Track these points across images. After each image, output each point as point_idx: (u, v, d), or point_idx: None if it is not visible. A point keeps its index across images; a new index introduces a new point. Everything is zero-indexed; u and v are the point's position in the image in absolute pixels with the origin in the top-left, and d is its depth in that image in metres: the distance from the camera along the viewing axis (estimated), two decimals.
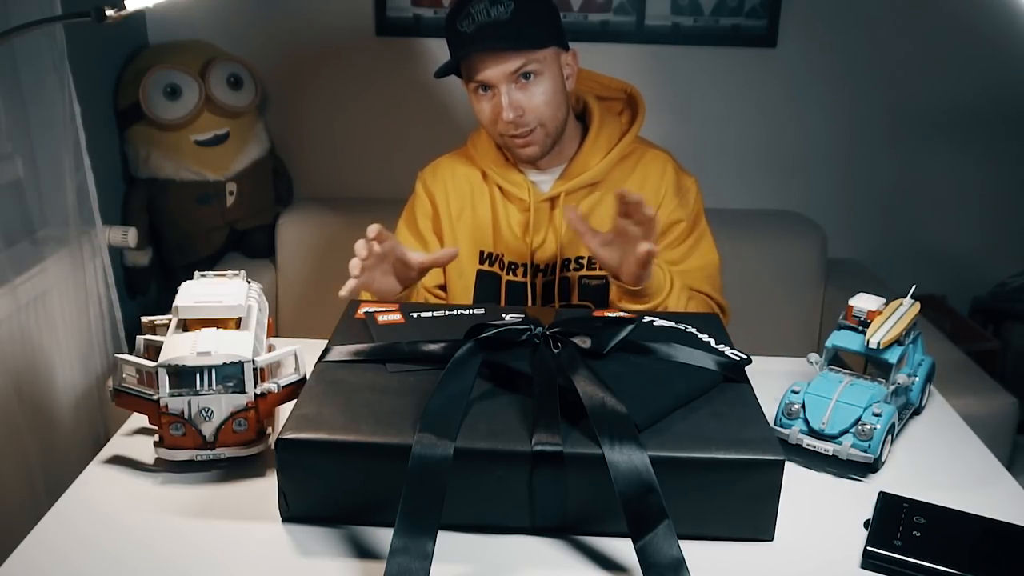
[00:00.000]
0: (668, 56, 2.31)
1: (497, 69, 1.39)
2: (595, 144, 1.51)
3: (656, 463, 0.84)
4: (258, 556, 0.86)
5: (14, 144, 1.69)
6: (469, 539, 0.89)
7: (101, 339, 1.82)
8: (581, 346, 0.99)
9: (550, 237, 1.52)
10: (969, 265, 2.51)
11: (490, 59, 1.38)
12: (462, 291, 1.56)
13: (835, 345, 1.09)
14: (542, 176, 1.54)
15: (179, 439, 0.97)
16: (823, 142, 2.41)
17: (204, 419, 0.97)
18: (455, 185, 1.57)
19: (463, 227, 1.56)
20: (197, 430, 0.97)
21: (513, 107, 1.41)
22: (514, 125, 1.42)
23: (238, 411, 0.98)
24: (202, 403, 0.97)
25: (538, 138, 1.45)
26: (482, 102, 1.44)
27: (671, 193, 1.53)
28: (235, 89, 2.18)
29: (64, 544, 0.88)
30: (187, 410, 0.97)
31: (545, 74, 1.42)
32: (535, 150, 1.46)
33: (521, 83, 1.41)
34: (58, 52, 1.64)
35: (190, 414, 0.97)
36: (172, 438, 0.98)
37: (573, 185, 1.49)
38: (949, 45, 2.31)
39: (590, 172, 1.49)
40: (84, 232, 1.76)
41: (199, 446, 0.98)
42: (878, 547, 0.87)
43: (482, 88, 1.43)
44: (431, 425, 0.86)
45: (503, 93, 1.40)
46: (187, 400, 0.96)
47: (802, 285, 2.23)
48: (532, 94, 1.42)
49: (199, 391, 0.96)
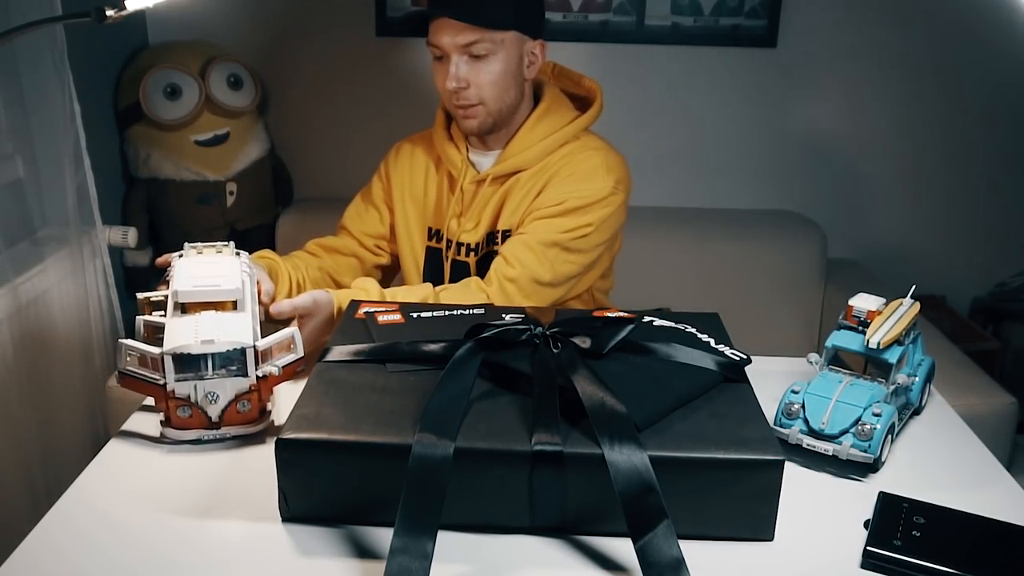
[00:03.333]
0: (668, 56, 2.31)
1: (449, 38, 1.43)
2: (532, 131, 1.53)
3: (656, 463, 0.84)
4: (258, 556, 0.86)
5: (14, 144, 1.69)
6: (469, 539, 0.89)
7: (101, 339, 1.82)
8: (581, 346, 0.99)
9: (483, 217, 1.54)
10: (969, 265, 2.51)
11: (446, 27, 1.43)
12: (413, 267, 1.61)
13: (835, 345, 1.09)
14: (485, 157, 1.57)
15: (186, 420, 1.03)
16: (823, 142, 2.41)
17: (210, 402, 1.02)
18: (411, 163, 1.63)
19: (413, 203, 1.61)
20: (203, 412, 1.02)
21: (457, 78, 1.45)
22: (458, 96, 1.47)
23: (242, 393, 1.03)
24: (208, 387, 1.02)
25: (479, 113, 1.49)
26: (437, 67, 1.49)
27: (572, 179, 1.49)
28: (235, 89, 2.18)
29: (64, 544, 0.88)
30: (193, 394, 1.02)
31: (498, 55, 1.45)
32: (474, 123, 1.50)
33: (472, 58, 1.45)
34: (58, 52, 1.64)
35: (196, 398, 1.02)
36: (179, 419, 1.03)
37: (502, 169, 1.52)
38: (950, 45, 2.31)
39: (520, 157, 1.52)
40: (84, 232, 1.76)
41: (205, 426, 1.03)
42: (878, 547, 0.87)
43: (439, 55, 1.47)
44: (431, 425, 0.86)
45: (452, 63, 1.44)
46: (193, 384, 1.01)
47: (802, 285, 2.23)
48: (479, 71, 1.45)
49: (204, 376, 1.01)
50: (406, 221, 1.61)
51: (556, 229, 1.47)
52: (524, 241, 1.46)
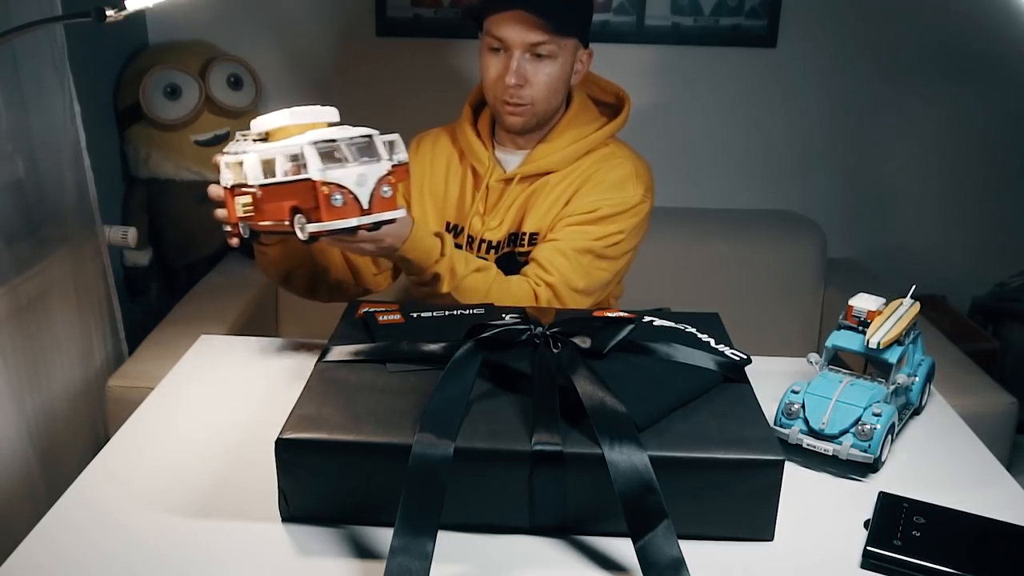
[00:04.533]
0: (668, 56, 2.31)
1: (518, 34, 1.43)
2: (562, 135, 1.53)
3: (656, 463, 0.84)
4: (258, 556, 0.86)
5: (14, 144, 1.69)
6: (469, 539, 0.89)
7: (101, 339, 1.82)
8: (581, 346, 0.99)
9: (507, 217, 1.53)
10: (969, 265, 2.51)
11: (517, 22, 1.43)
12: None
13: (835, 345, 1.09)
14: (512, 156, 1.57)
15: (340, 209, 1.02)
16: (823, 142, 2.41)
17: (359, 186, 1.02)
18: (433, 157, 1.61)
19: (432, 197, 1.59)
20: (355, 198, 1.02)
21: (518, 74, 1.45)
22: (511, 92, 1.46)
23: (382, 177, 1.04)
24: (357, 171, 1.02)
25: (527, 112, 1.49)
26: (491, 58, 1.48)
27: (604, 187, 1.51)
28: (235, 89, 2.18)
29: (64, 544, 0.88)
30: (343, 178, 1.02)
31: (558, 59, 1.46)
32: (519, 121, 1.50)
33: (534, 57, 1.45)
34: (58, 52, 1.65)
35: (347, 182, 1.02)
36: (333, 209, 1.02)
37: (530, 169, 1.52)
38: (950, 45, 2.32)
39: (550, 159, 1.52)
40: (84, 232, 1.76)
41: (359, 213, 1.03)
42: (878, 547, 0.87)
43: (497, 47, 1.46)
44: (431, 425, 0.86)
45: (515, 58, 1.44)
46: (340, 171, 1.01)
47: (802, 285, 2.23)
48: (538, 71, 1.46)
49: (345, 164, 1.02)
50: (423, 214, 1.59)
51: (589, 236, 1.48)
52: (558, 248, 1.46)
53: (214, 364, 1.26)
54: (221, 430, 1.08)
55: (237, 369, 1.24)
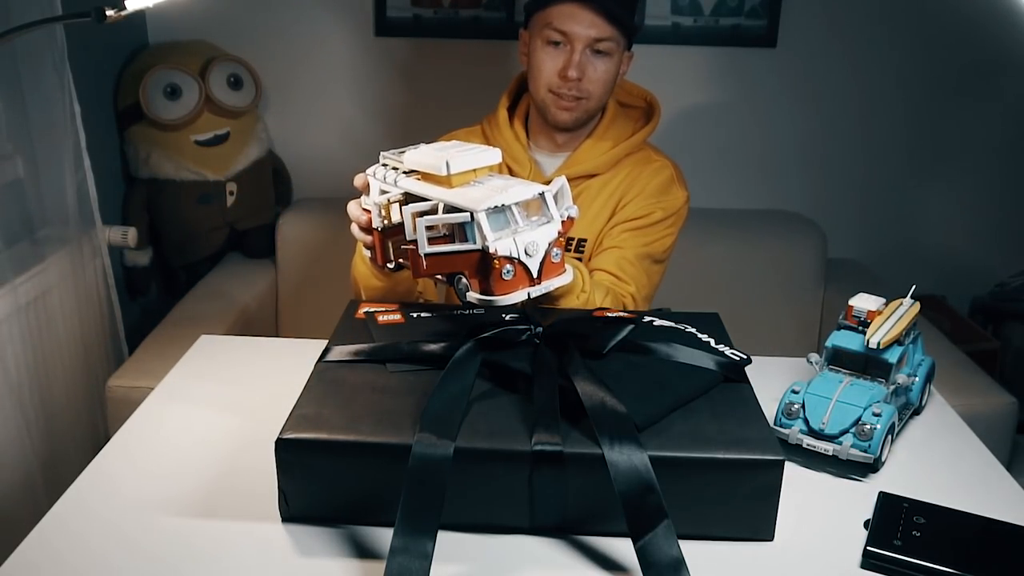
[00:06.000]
0: (668, 56, 2.31)
1: (582, 28, 1.44)
2: (601, 138, 1.54)
3: (656, 463, 0.84)
4: (258, 556, 0.86)
5: (14, 144, 1.69)
6: (469, 539, 0.89)
7: (101, 339, 1.82)
8: (581, 346, 0.99)
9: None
10: (969, 265, 2.51)
11: (581, 16, 1.44)
12: None
13: (835, 345, 1.09)
14: (550, 159, 1.57)
15: (509, 282, 0.95)
16: (823, 142, 2.41)
17: (528, 256, 0.95)
18: None
19: None
20: (525, 269, 0.95)
21: (579, 67, 1.45)
22: (570, 86, 1.47)
23: (551, 241, 0.97)
24: (527, 239, 0.94)
25: (579, 107, 1.50)
26: (548, 52, 1.48)
27: (651, 192, 1.53)
28: (235, 89, 2.18)
29: (64, 544, 0.88)
30: (514, 249, 0.94)
31: (614, 57, 1.48)
32: (570, 117, 1.50)
33: (593, 53, 1.46)
34: (58, 52, 1.64)
35: (518, 253, 0.94)
36: (502, 283, 0.95)
37: (571, 173, 1.52)
38: (949, 45, 2.32)
39: (590, 163, 1.53)
40: (84, 232, 1.76)
41: (529, 284, 0.96)
42: (878, 547, 0.87)
43: (557, 40, 1.47)
44: (431, 425, 0.86)
45: (578, 51, 1.45)
46: (512, 240, 0.94)
47: (802, 285, 2.23)
48: (596, 67, 1.48)
49: (517, 229, 0.94)
50: None
51: (645, 241, 1.50)
52: (624, 256, 1.48)
53: (214, 364, 1.26)
54: (221, 430, 1.08)
55: (237, 369, 1.24)
